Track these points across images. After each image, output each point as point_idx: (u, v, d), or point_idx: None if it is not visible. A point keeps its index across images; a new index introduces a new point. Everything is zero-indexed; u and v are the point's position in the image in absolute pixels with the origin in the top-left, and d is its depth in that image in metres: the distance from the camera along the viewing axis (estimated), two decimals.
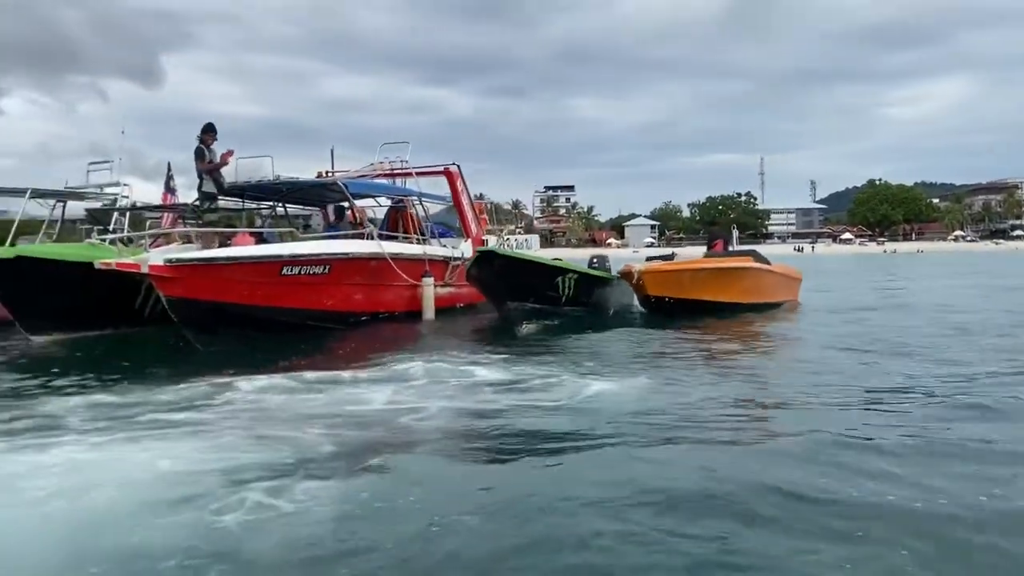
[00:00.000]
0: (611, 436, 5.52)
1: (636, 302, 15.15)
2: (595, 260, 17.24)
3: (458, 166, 17.15)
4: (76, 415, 6.35)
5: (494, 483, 4.60)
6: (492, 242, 17.70)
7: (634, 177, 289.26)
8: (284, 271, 11.93)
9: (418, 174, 16.56)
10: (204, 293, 10.96)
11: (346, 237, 13.68)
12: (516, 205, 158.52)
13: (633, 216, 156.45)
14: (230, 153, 13.23)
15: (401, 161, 16.59)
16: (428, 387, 7.54)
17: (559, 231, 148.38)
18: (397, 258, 13.80)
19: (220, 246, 12.21)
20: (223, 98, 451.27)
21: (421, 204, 16.29)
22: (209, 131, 13.11)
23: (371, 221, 15.70)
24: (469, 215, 17.22)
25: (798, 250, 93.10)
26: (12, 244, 12.99)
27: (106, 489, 4.32)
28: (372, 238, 13.69)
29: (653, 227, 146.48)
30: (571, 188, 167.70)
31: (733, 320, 13.91)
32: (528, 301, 13.64)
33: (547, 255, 17.75)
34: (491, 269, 13.42)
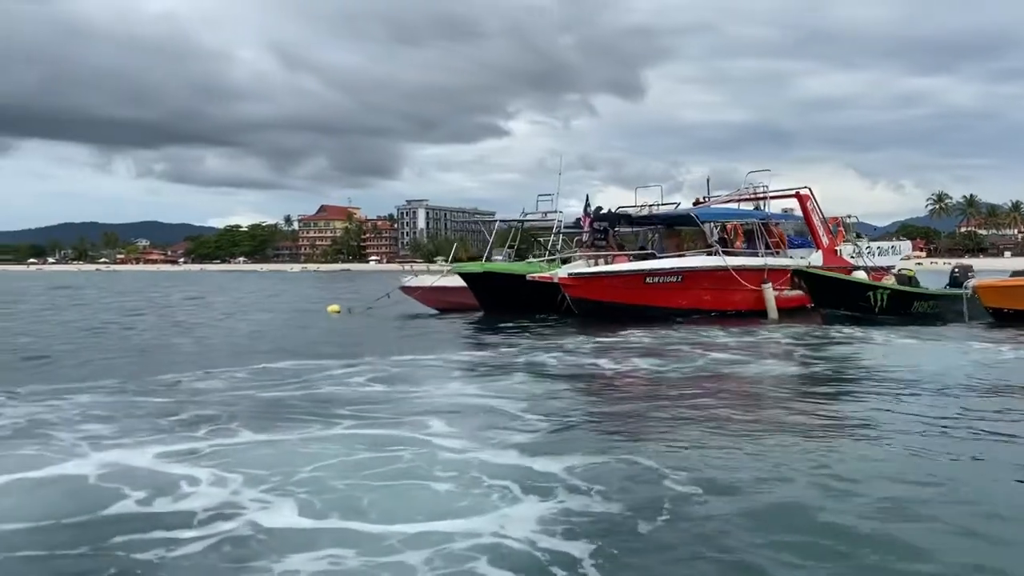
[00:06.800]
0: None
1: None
2: (956, 270, 19.25)
3: (809, 189, 20.65)
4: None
5: None
6: (847, 252, 20.89)
7: None
8: (647, 280, 17.38)
9: (772, 198, 20.67)
10: (592, 295, 16.96)
11: (696, 254, 18.61)
12: (1016, 207, 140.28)
13: None
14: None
15: (762, 187, 20.80)
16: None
17: None
18: (739, 269, 18.20)
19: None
20: (701, 106, 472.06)
21: (763, 224, 20.22)
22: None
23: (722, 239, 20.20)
24: (820, 230, 20.56)
25: None
26: (487, 259, 20.58)
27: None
28: (717, 254, 18.29)
29: None
30: None
31: None
32: (839, 308, 16.91)
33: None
34: (802, 282, 17.13)
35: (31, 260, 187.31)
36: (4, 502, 4.49)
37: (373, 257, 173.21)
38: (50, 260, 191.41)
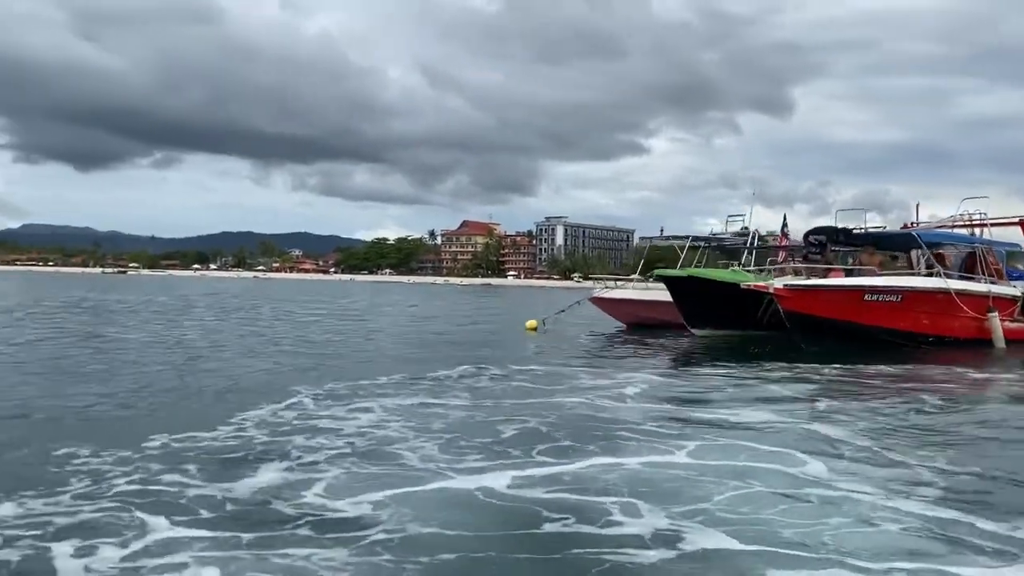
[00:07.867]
0: None
1: None
2: None
3: None
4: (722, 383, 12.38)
5: None
6: None
7: None
8: (865, 297, 16.78)
9: (993, 225, 19.60)
10: (807, 308, 16.49)
11: (916, 275, 17.87)
12: None
13: None
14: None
15: (980, 214, 19.86)
16: None
17: None
18: (960, 293, 17.38)
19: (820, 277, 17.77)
20: (852, 124, 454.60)
21: (985, 251, 19.17)
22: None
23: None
24: None
25: None
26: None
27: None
28: (938, 275, 17.54)
29: None
30: None
31: None
32: None
33: None
34: None
35: (195, 266, 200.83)
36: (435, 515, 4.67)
37: (511, 272, 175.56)
38: (212, 267, 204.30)
